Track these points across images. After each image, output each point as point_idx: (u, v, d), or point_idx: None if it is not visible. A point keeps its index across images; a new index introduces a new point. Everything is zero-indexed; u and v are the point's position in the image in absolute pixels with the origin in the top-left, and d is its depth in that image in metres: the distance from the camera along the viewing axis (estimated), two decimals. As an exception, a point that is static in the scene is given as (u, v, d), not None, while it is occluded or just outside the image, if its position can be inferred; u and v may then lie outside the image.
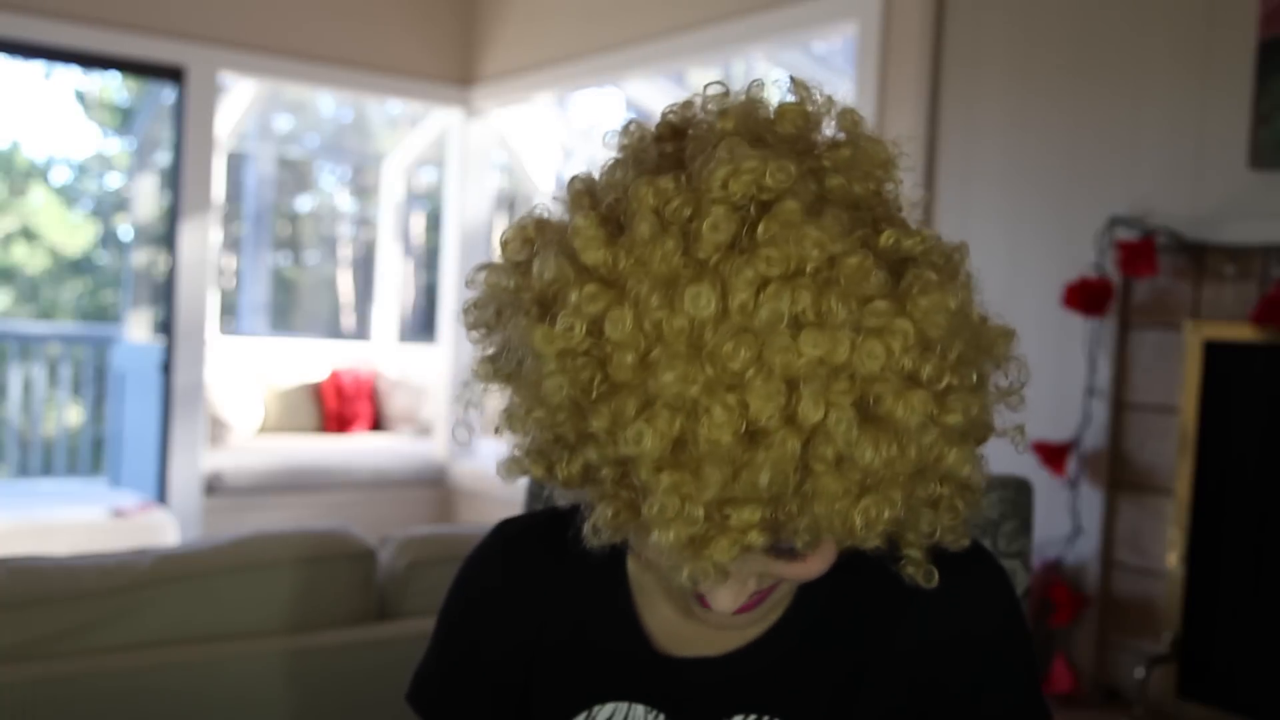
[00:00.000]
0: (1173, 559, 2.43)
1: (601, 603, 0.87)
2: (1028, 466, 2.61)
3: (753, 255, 0.64)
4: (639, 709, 0.83)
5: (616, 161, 0.75)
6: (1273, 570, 2.30)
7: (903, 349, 0.64)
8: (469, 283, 0.77)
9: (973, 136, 2.93)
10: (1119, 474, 2.58)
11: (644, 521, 0.66)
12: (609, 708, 0.83)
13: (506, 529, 0.93)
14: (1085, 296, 2.53)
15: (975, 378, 0.72)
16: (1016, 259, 2.80)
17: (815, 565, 0.74)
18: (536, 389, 0.69)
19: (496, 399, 0.78)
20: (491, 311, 0.75)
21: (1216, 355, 2.38)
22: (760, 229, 0.65)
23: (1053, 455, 2.61)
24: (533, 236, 0.73)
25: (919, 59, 3.04)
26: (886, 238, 0.69)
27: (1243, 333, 2.31)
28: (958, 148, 2.97)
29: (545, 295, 0.68)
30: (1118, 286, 2.56)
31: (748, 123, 0.72)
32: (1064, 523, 2.63)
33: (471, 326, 0.76)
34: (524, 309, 0.70)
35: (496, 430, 0.76)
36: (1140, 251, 2.41)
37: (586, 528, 0.71)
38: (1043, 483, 2.59)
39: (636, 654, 0.85)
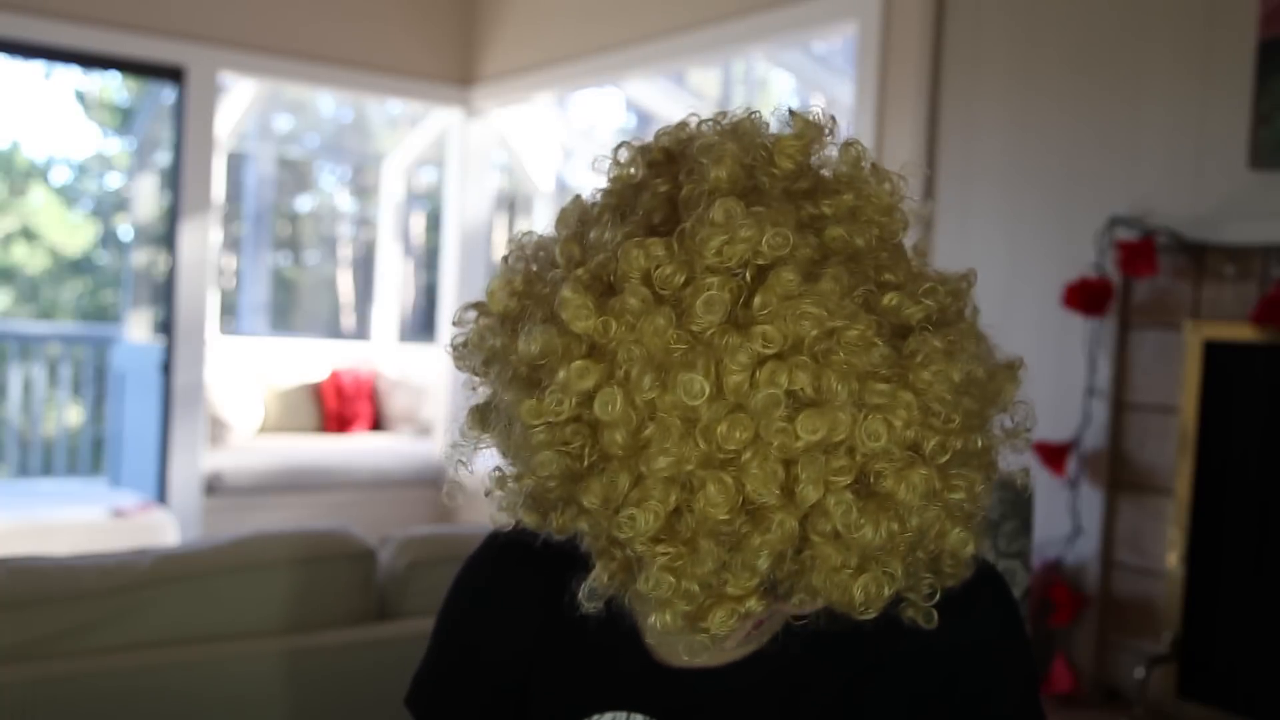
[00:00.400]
0: (1173, 559, 2.43)
1: (598, 611, 0.87)
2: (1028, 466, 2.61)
3: (748, 333, 0.62)
4: (638, 718, 0.82)
5: (605, 204, 0.72)
6: (1273, 570, 2.30)
7: (905, 424, 0.63)
8: (456, 322, 0.75)
9: (973, 136, 2.93)
10: (1119, 474, 2.58)
11: (639, 592, 0.65)
12: (608, 717, 0.83)
13: (501, 536, 0.92)
14: (1085, 296, 2.53)
15: (979, 442, 0.70)
16: (1016, 259, 2.79)
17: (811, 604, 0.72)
18: (526, 457, 0.67)
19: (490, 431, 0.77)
20: (479, 361, 0.73)
21: (1216, 355, 2.38)
22: (756, 302, 0.62)
23: (1053, 455, 2.61)
24: (520, 290, 0.71)
25: (919, 59, 3.04)
26: (889, 300, 0.66)
27: (1243, 333, 2.31)
28: (958, 148, 2.97)
29: (533, 365, 0.66)
30: (1118, 286, 2.56)
31: (743, 161, 0.69)
32: (1064, 523, 2.63)
33: (460, 369, 0.75)
34: (512, 372, 0.69)
35: (487, 493, 0.75)
36: (1140, 251, 2.41)
37: (583, 590, 0.70)
38: (1043, 483, 2.59)
39: (635, 663, 0.84)
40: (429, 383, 5.86)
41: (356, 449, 5.42)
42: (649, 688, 0.83)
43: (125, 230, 8.10)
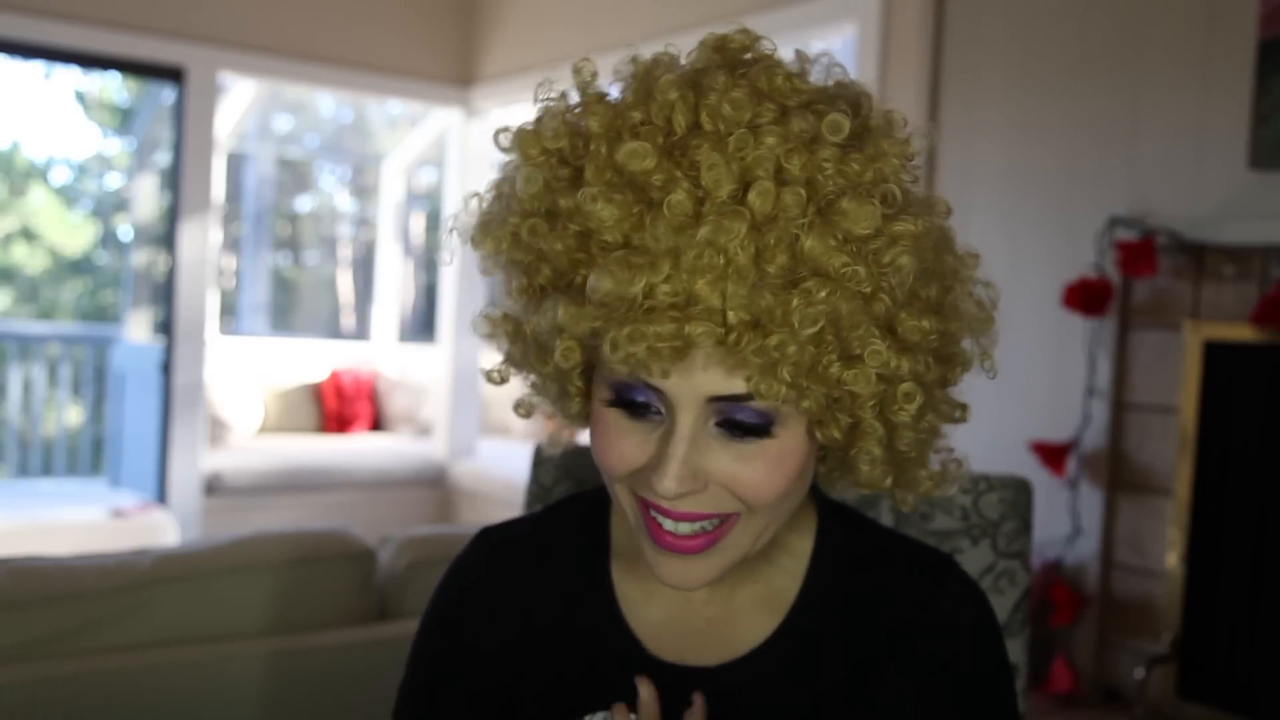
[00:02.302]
0: (1172, 559, 2.43)
1: (588, 608, 0.86)
2: (1028, 466, 2.61)
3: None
4: (631, 717, 0.82)
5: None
6: (1273, 570, 2.30)
7: (860, 168, 0.69)
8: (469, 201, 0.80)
9: (973, 136, 2.93)
10: (1119, 474, 2.58)
11: (601, 352, 0.69)
12: (600, 716, 0.82)
13: (488, 536, 0.92)
14: (1085, 296, 2.53)
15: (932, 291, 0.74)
16: (1016, 259, 2.79)
17: (762, 470, 0.72)
18: (515, 207, 0.74)
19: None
20: (498, 210, 0.78)
21: (1216, 355, 2.38)
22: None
23: (1053, 455, 2.61)
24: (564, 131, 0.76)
25: (919, 59, 3.04)
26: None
27: (1242, 333, 2.31)
28: (958, 148, 2.97)
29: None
30: (1117, 286, 2.56)
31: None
32: (1064, 523, 2.63)
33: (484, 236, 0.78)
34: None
35: (517, 407, 0.85)
36: (1140, 251, 2.42)
37: (556, 409, 0.79)
38: (1043, 483, 2.59)
39: (628, 660, 0.83)
40: (429, 383, 5.86)
41: (356, 449, 5.42)
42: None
43: (125, 230, 8.10)
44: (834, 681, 0.82)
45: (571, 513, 0.92)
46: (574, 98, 0.76)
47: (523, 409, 0.85)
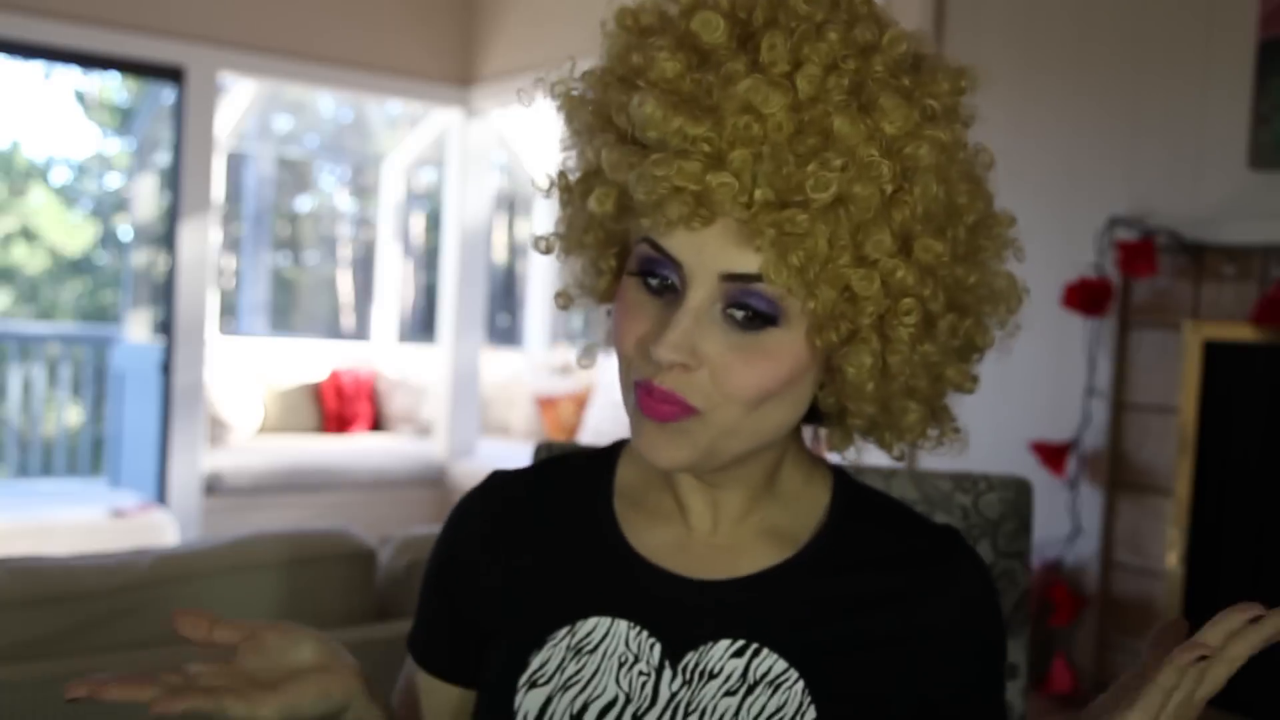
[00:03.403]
0: (1172, 559, 2.43)
1: (591, 528, 0.87)
2: (1028, 466, 2.61)
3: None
4: (622, 624, 0.82)
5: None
6: (1272, 570, 2.30)
7: (909, 83, 0.74)
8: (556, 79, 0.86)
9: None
10: (1119, 474, 2.58)
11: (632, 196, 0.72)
12: (591, 622, 0.83)
13: (495, 474, 0.95)
14: (1085, 296, 2.53)
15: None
16: (1016, 259, 2.79)
17: (754, 364, 0.74)
18: (598, 74, 0.79)
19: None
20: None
21: (1216, 355, 2.38)
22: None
23: (1053, 455, 2.61)
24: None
25: (919, 59, 3.04)
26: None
27: (1242, 333, 2.31)
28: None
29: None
30: (1117, 286, 2.56)
31: None
32: (1064, 523, 2.63)
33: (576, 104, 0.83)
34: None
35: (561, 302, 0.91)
36: (1140, 251, 2.42)
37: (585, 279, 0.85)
38: (1043, 483, 2.59)
39: (624, 571, 0.84)
40: (429, 383, 5.86)
41: (356, 449, 5.42)
42: (635, 595, 0.83)
43: (125, 230, 8.10)
44: (835, 614, 0.82)
45: (577, 457, 0.95)
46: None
47: (561, 299, 0.90)
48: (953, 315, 0.78)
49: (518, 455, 4.99)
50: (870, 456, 0.90)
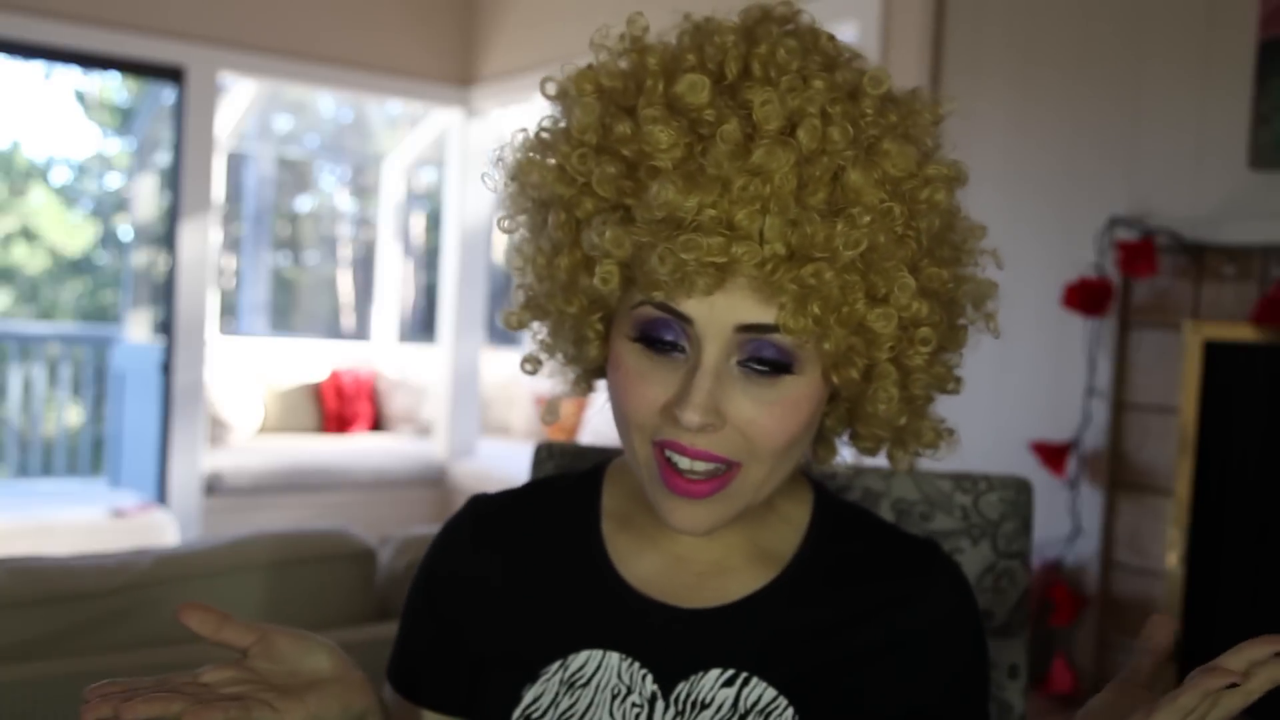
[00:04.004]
0: (1172, 559, 2.43)
1: (578, 556, 0.87)
2: (1028, 466, 2.61)
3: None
4: (614, 656, 0.82)
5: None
6: (1272, 570, 2.30)
7: (897, 119, 0.75)
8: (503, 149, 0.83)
9: (972, 136, 2.93)
10: (1119, 474, 2.58)
11: (641, 269, 0.72)
12: (583, 655, 0.82)
13: (478, 498, 0.94)
14: (1085, 296, 2.53)
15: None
16: (1016, 259, 2.79)
17: (778, 413, 0.75)
18: (564, 141, 0.77)
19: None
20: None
21: (1216, 355, 2.38)
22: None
23: (1053, 455, 2.61)
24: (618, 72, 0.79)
25: (919, 59, 3.04)
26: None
27: (1243, 333, 2.31)
28: (957, 148, 2.96)
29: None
30: (1117, 286, 2.56)
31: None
32: (1064, 523, 2.63)
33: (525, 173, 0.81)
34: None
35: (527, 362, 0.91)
36: (1140, 251, 2.42)
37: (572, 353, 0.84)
38: (1043, 483, 2.59)
39: (614, 602, 0.84)
40: (429, 383, 5.86)
41: (356, 449, 5.42)
42: (627, 627, 0.83)
43: (125, 230, 8.10)
44: (821, 635, 0.82)
45: (562, 481, 0.94)
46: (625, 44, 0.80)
47: (529, 364, 0.90)
48: (949, 329, 0.81)
49: (518, 455, 4.99)
50: (870, 457, 0.90)
